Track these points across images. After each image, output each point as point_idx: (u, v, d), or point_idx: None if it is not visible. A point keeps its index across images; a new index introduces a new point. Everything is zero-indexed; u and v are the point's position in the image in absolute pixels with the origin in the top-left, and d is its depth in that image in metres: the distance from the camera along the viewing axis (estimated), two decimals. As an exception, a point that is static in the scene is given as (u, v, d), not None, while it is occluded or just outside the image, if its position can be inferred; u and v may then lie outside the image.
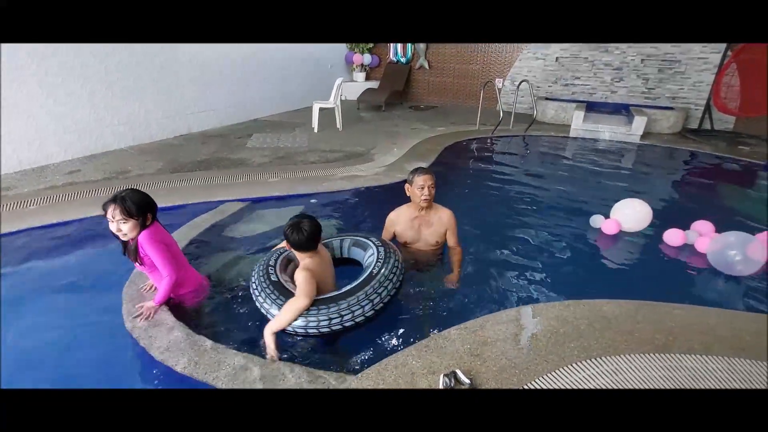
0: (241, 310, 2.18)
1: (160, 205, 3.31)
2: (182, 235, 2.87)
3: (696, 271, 2.76)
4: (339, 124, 6.52)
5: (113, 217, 1.85)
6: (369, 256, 2.15)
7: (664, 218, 3.29)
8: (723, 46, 6.50)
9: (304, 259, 1.97)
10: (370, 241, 2.25)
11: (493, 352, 1.72)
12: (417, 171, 2.35)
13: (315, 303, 1.82)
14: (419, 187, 2.29)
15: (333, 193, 3.82)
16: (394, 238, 2.54)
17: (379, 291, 1.88)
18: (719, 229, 2.98)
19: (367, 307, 1.83)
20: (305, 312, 1.79)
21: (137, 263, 2.03)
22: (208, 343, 1.83)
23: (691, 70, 6.96)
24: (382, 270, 1.97)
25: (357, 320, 1.82)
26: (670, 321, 1.97)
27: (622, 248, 3.08)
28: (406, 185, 2.39)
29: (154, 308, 2.00)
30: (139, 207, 1.90)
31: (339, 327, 1.80)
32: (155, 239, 1.97)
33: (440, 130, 6.57)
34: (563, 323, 1.91)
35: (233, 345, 1.86)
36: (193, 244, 2.84)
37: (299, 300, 1.79)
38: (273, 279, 1.99)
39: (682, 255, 2.92)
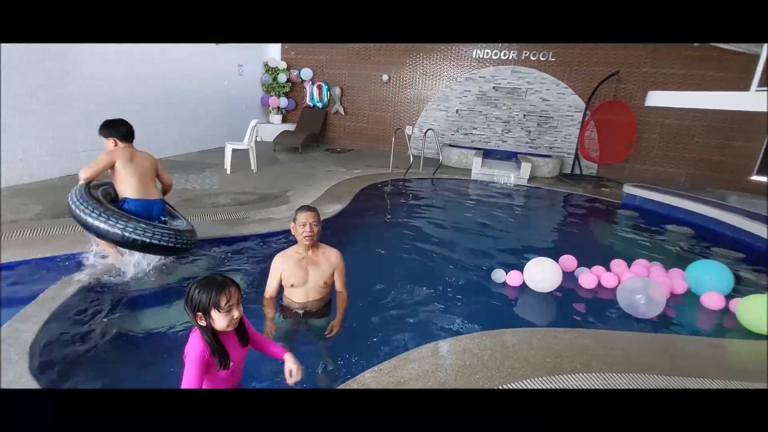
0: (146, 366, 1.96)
1: (37, 255, 2.94)
2: (66, 287, 2.52)
3: (576, 299, 3.19)
4: (254, 166, 6.40)
5: (233, 302, 1.50)
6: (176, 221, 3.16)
7: (541, 252, 3.76)
8: (583, 105, 7.94)
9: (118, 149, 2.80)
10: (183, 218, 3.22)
11: (407, 392, 1.79)
12: (301, 209, 2.36)
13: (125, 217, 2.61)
14: (301, 225, 2.29)
15: (245, 236, 3.70)
16: (280, 288, 2.42)
17: (164, 234, 2.69)
18: (581, 261, 3.51)
19: (149, 235, 2.62)
20: (114, 222, 2.53)
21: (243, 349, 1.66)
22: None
23: (561, 125, 8.33)
24: (174, 228, 2.86)
25: (146, 239, 2.60)
26: (557, 345, 2.26)
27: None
28: (291, 223, 2.39)
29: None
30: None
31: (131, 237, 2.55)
32: None
33: (356, 172, 6.82)
34: (469, 356, 2.07)
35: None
36: (84, 297, 2.52)
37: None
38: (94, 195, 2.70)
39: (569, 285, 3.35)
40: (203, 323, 1.49)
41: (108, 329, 2.32)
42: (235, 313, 1.52)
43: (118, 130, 2.88)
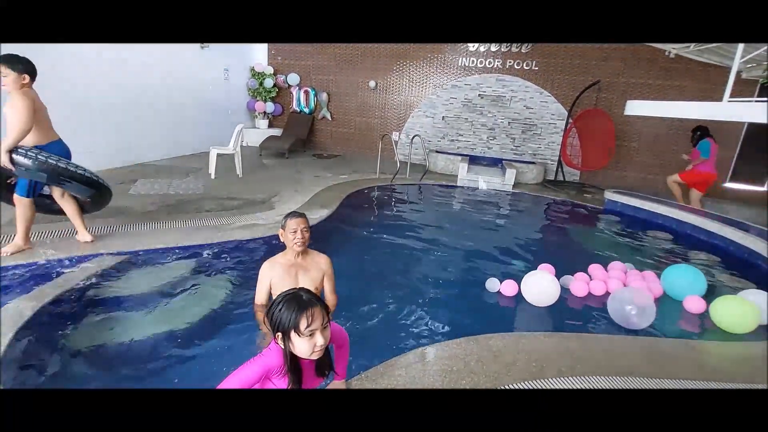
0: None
1: (6, 262, 2.83)
2: (42, 297, 2.44)
3: (566, 305, 3.23)
4: (239, 171, 6.33)
5: (315, 327, 1.34)
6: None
7: (526, 257, 3.84)
8: (565, 113, 8.12)
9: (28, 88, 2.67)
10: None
11: (394, 398, 1.78)
12: (290, 215, 2.32)
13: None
14: (292, 231, 2.25)
15: (230, 243, 3.64)
16: (270, 296, 2.35)
17: (73, 171, 2.95)
18: (565, 265, 3.55)
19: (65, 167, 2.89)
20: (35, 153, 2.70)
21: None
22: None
23: (545, 133, 8.50)
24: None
25: (58, 169, 2.85)
26: (542, 348, 2.29)
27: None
28: (280, 230, 2.34)
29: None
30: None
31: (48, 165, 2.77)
32: None
33: (343, 177, 6.81)
34: (456, 361, 2.08)
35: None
36: (58, 307, 2.43)
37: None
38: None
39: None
40: (282, 346, 1.37)
41: (85, 337, 2.25)
42: (319, 340, 1.33)
43: (30, 65, 2.57)
